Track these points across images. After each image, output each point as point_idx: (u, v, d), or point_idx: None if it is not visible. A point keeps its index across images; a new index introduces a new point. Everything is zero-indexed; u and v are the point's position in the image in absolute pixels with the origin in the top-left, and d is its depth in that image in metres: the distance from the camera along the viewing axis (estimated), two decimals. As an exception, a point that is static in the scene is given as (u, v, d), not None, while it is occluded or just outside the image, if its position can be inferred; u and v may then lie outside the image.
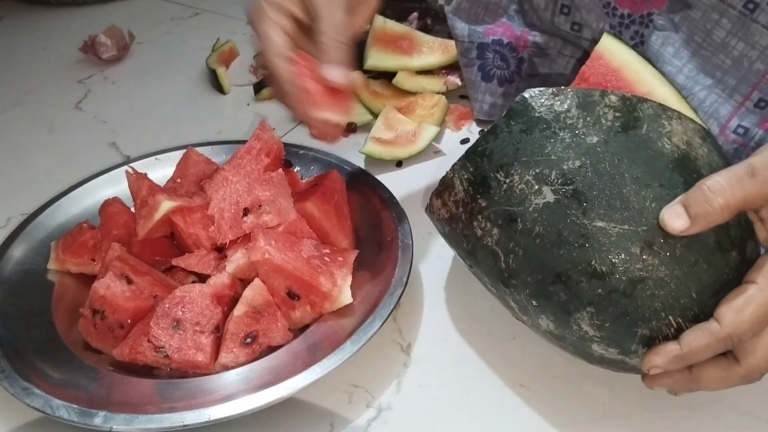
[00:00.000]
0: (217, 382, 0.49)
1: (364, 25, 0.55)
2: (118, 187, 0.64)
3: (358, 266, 0.56)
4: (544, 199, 0.42)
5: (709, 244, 0.40)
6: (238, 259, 0.54)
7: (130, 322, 0.52)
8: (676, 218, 0.39)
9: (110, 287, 0.52)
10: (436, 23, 0.94)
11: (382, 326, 0.50)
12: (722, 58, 0.54)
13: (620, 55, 0.51)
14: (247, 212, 0.58)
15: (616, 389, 0.50)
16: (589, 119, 0.43)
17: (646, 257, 0.40)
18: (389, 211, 0.60)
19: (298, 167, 0.67)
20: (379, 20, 0.85)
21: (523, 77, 0.77)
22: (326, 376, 0.47)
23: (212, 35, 1.00)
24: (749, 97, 0.54)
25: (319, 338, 0.52)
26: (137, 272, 0.54)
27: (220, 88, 0.89)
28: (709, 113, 0.56)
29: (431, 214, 0.51)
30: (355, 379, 0.52)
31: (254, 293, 0.52)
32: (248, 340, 0.51)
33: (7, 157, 0.79)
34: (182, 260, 0.56)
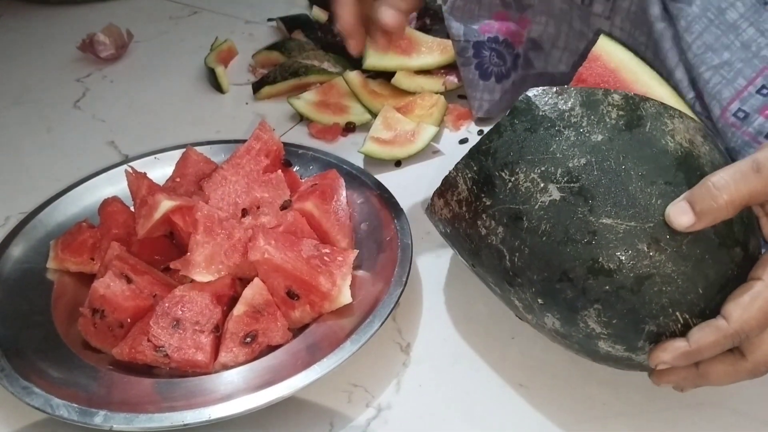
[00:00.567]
0: (216, 381, 0.49)
1: None
2: (117, 186, 0.64)
3: (357, 266, 0.57)
4: (550, 196, 0.42)
5: (714, 240, 0.41)
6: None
7: (129, 321, 0.52)
8: (681, 214, 0.39)
9: (110, 286, 0.52)
10: (434, 23, 0.95)
11: (381, 326, 0.50)
12: (732, 38, 0.55)
13: (618, 56, 0.52)
14: (245, 213, 0.58)
15: (615, 389, 0.51)
16: (593, 117, 0.43)
17: (653, 254, 0.40)
18: (388, 210, 0.60)
19: (297, 167, 0.67)
20: (378, 20, 0.85)
21: (518, 72, 0.77)
22: (326, 375, 0.47)
23: (211, 34, 1.00)
24: (753, 82, 0.55)
25: (318, 338, 0.52)
26: (137, 271, 0.54)
27: (218, 87, 0.89)
28: (712, 94, 0.56)
29: (432, 214, 0.51)
30: (354, 378, 0.52)
31: (254, 293, 0.52)
32: (248, 339, 0.51)
33: (5, 155, 0.79)
34: (181, 263, 0.56)
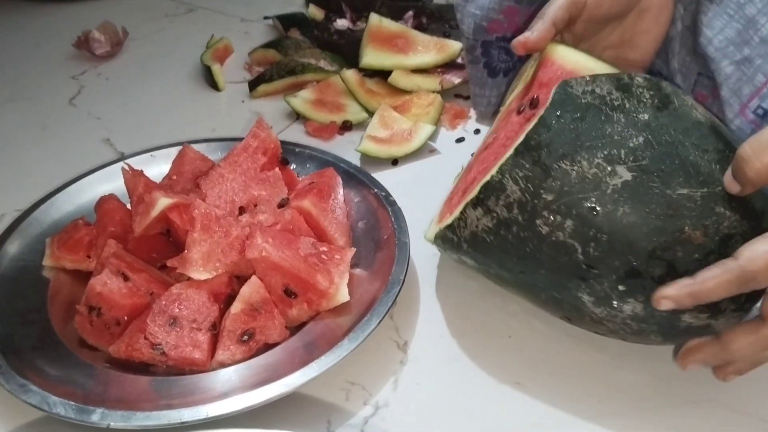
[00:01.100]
0: (213, 379, 0.49)
1: (639, 63, 0.62)
2: (113, 183, 0.64)
3: (354, 264, 0.57)
4: (621, 178, 0.42)
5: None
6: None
7: (126, 319, 0.52)
8: (731, 183, 0.42)
9: (107, 284, 0.51)
10: (431, 22, 0.95)
11: (379, 324, 0.50)
12: (751, 33, 0.55)
13: (571, 57, 0.52)
14: (242, 211, 0.58)
15: (611, 387, 0.51)
16: (632, 99, 0.45)
17: (730, 214, 0.42)
18: (386, 209, 0.60)
19: (294, 165, 0.67)
20: (374, 19, 0.85)
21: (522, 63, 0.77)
22: (323, 373, 0.47)
23: (206, 32, 1.00)
24: None
25: (316, 336, 0.52)
26: (134, 269, 0.54)
27: (214, 84, 0.89)
28: (733, 90, 0.57)
29: (454, 232, 0.49)
30: (352, 376, 0.52)
31: (251, 291, 0.52)
32: (245, 337, 0.51)
33: (0, 153, 0.79)
34: (178, 261, 0.56)
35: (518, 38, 0.54)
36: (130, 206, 0.60)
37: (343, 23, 0.97)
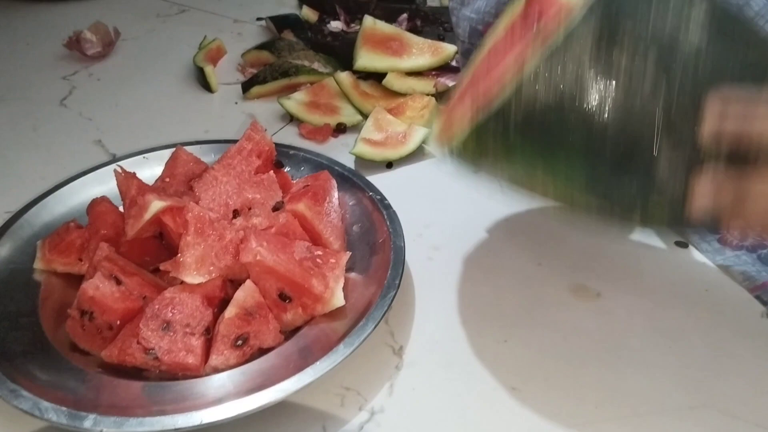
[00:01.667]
0: (207, 384, 0.49)
1: None
2: (105, 185, 0.63)
3: (350, 268, 0.56)
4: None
5: None
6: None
7: (119, 323, 0.52)
8: None
9: (99, 288, 0.51)
10: (425, 25, 0.95)
11: (374, 329, 0.50)
12: None
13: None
14: (236, 214, 0.58)
15: (607, 392, 0.51)
16: None
17: None
18: (381, 212, 0.60)
19: (288, 168, 0.66)
20: (368, 21, 0.85)
21: None
22: (318, 379, 0.47)
23: (199, 33, 0.99)
24: None
25: (311, 341, 0.51)
26: (126, 273, 0.53)
27: (207, 86, 0.89)
28: None
29: (500, 120, 0.42)
30: (347, 381, 0.52)
31: (245, 295, 0.52)
32: (239, 342, 0.51)
33: (-10, 154, 0.78)
34: (171, 264, 0.55)
35: None
36: (122, 209, 0.59)
37: (336, 25, 0.97)
